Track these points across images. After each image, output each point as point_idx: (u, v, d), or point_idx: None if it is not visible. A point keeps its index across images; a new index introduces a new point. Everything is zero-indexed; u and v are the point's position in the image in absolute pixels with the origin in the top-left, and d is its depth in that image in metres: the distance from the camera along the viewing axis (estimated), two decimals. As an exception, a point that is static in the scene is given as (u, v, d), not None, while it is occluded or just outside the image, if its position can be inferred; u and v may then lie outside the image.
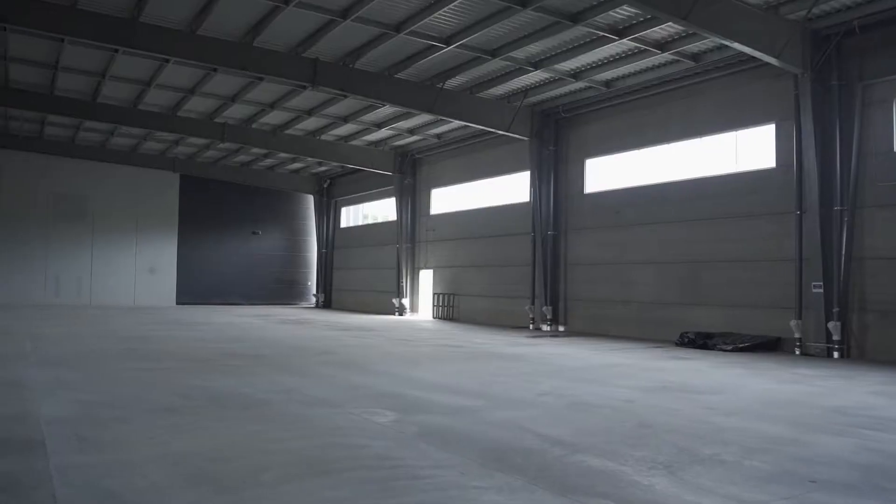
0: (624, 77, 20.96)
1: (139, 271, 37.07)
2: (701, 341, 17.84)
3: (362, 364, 13.11)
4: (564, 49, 19.11)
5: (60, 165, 34.72)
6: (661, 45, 18.25)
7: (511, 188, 26.90)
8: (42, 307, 31.46)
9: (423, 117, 26.39)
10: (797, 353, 16.41)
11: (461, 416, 8.19)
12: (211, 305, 37.24)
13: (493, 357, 15.07)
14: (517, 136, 24.06)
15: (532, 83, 22.17)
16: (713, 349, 17.29)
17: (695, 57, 18.83)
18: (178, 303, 37.63)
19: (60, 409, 8.00)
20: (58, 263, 35.12)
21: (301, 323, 25.25)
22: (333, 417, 7.90)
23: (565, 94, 22.91)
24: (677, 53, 18.55)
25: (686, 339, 18.27)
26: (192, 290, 38.31)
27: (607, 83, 21.48)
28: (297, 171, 38.86)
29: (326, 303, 39.74)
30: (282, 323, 24.99)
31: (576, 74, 20.94)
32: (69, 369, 11.29)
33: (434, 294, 30.39)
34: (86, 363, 12.17)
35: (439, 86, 21.99)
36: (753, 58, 16.58)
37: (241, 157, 35.94)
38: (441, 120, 26.44)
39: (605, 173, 23.03)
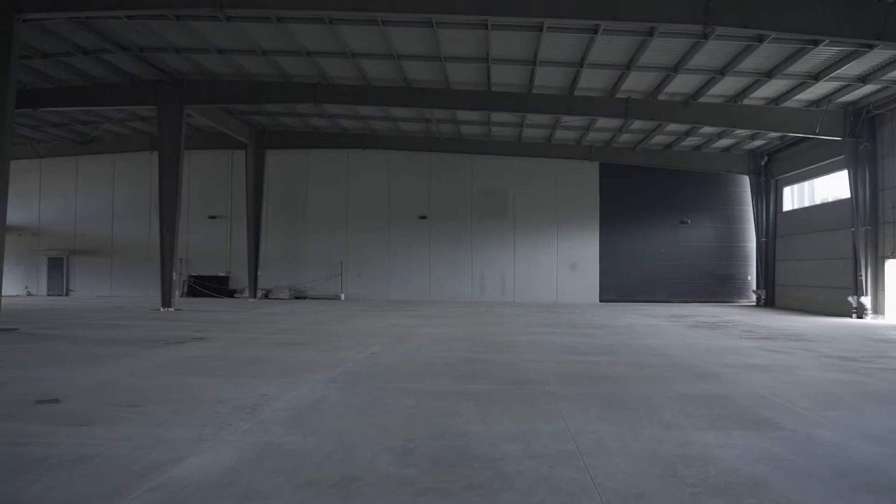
0: None
1: (560, 267, 35.92)
2: None
3: (736, 405, 8.57)
4: None
5: (481, 163, 35.55)
6: None
7: None
8: (466, 304, 32.11)
9: (878, 55, 19.26)
10: None
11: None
12: (634, 303, 34.19)
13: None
14: None
15: None
16: None
17: None
18: (600, 300, 35.50)
19: (214, 461, 5.78)
20: (482, 261, 35.93)
21: (716, 327, 20.58)
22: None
23: None
24: None
25: None
26: (615, 287, 35.82)
27: None
28: (726, 148, 33.37)
29: (768, 300, 33.41)
30: (692, 327, 20.67)
31: None
32: (350, 389, 9.33)
33: (908, 292, 22.67)
34: (381, 381, 10.13)
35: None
36: None
37: (660, 139, 32.16)
38: (907, 54, 19.24)
39: None
